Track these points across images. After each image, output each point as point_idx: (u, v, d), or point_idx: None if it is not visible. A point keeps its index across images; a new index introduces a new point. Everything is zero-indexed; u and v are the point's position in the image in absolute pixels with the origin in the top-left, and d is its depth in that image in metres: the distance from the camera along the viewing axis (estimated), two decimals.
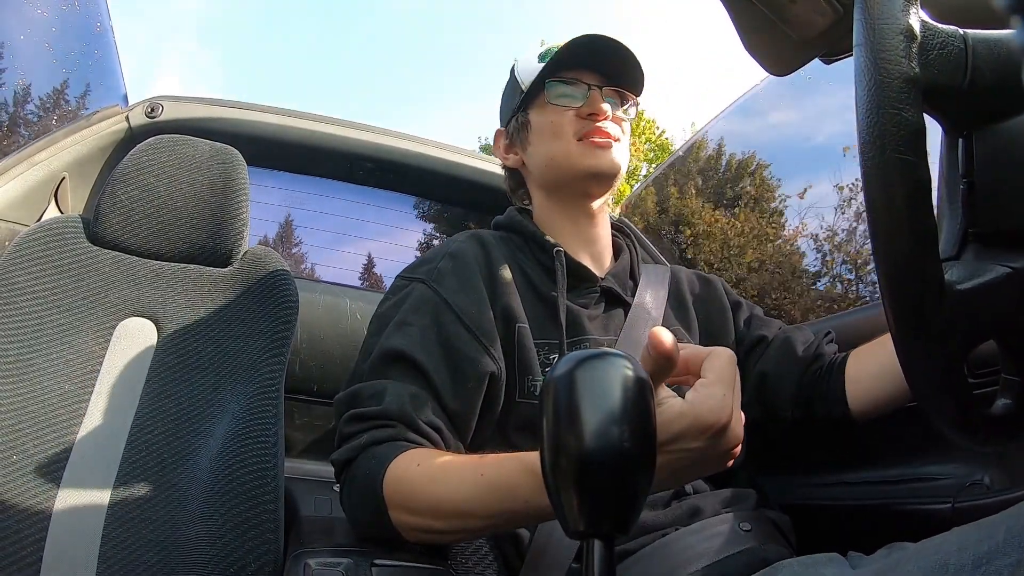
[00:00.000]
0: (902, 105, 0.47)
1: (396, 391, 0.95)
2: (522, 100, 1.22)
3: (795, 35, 1.00)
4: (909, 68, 0.47)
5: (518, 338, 1.05)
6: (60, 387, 1.11)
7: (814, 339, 1.21)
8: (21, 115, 1.78)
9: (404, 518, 0.86)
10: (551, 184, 1.21)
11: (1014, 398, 0.58)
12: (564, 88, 1.18)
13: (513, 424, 1.03)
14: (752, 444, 1.18)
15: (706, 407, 0.66)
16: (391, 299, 1.09)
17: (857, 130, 0.49)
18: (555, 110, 1.18)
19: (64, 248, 1.20)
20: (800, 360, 1.17)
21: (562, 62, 1.17)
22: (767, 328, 1.25)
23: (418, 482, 0.84)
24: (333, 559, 0.79)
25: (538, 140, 1.20)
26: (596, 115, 1.15)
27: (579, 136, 1.15)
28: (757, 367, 1.21)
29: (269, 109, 1.98)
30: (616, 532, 0.47)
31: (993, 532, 0.47)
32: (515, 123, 1.25)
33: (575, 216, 1.20)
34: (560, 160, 1.17)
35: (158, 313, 1.21)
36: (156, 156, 1.27)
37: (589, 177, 1.16)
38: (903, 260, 0.49)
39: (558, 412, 0.47)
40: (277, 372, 1.16)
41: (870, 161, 0.48)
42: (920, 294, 0.49)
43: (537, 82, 1.19)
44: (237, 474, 1.04)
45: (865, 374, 1.10)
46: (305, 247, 2.19)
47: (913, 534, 0.64)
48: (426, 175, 2.10)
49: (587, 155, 1.15)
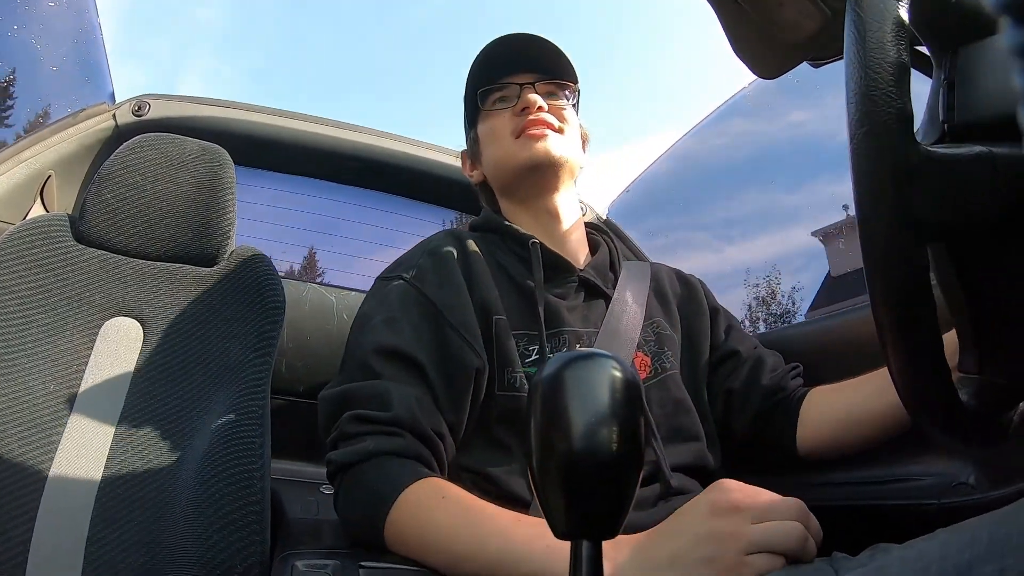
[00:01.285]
0: (891, 89, 0.48)
1: (401, 395, 0.95)
2: (469, 118, 1.26)
3: (783, 38, 1.00)
4: (898, 54, 0.48)
5: (496, 331, 1.05)
6: (45, 387, 1.10)
7: (781, 369, 1.24)
8: (7, 112, 1.76)
9: (401, 542, 0.86)
10: (506, 187, 1.23)
11: (971, 395, 0.59)
12: (496, 93, 1.22)
13: (495, 417, 1.03)
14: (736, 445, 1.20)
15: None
16: (373, 299, 1.09)
17: (847, 116, 0.49)
18: (492, 115, 1.21)
19: (49, 247, 1.19)
20: (763, 388, 1.20)
21: (489, 69, 1.21)
22: (742, 344, 1.27)
23: (434, 522, 0.84)
24: (320, 560, 0.79)
25: (485, 149, 1.24)
26: (528, 108, 1.17)
27: (516, 133, 1.17)
28: (726, 383, 1.23)
29: (256, 108, 1.97)
30: (604, 533, 0.47)
31: (976, 539, 0.47)
32: (469, 141, 1.29)
33: (538, 215, 1.21)
34: (503, 160, 1.19)
35: (144, 313, 1.20)
36: (143, 154, 1.26)
37: (530, 170, 1.17)
38: (884, 239, 0.49)
39: (546, 413, 0.47)
40: (263, 372, 1.15)
41: (858, 142, 0.49)
42: (904, 273, 0.50)
43: (471, 96, 1.23)
44: (223, 474, 1.03)
45: (818, 418, 1.14)
46: (292, 246, 2.18)
47: (899, 534, 0.64)
48: (412, 175, 2.10)
49: (524, 148, 1.16)
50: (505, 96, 1.21)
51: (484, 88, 1.21)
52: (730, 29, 1.05)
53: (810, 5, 0.93)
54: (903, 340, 0.51)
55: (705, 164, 2.67)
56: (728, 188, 2.83)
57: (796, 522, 0.72)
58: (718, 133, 2.55)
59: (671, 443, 1.08)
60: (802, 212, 2.51)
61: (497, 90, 1.21)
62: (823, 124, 2.26)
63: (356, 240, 2.18)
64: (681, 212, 2.83)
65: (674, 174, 2.65)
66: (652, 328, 1.18)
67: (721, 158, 2.65)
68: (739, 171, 2.72)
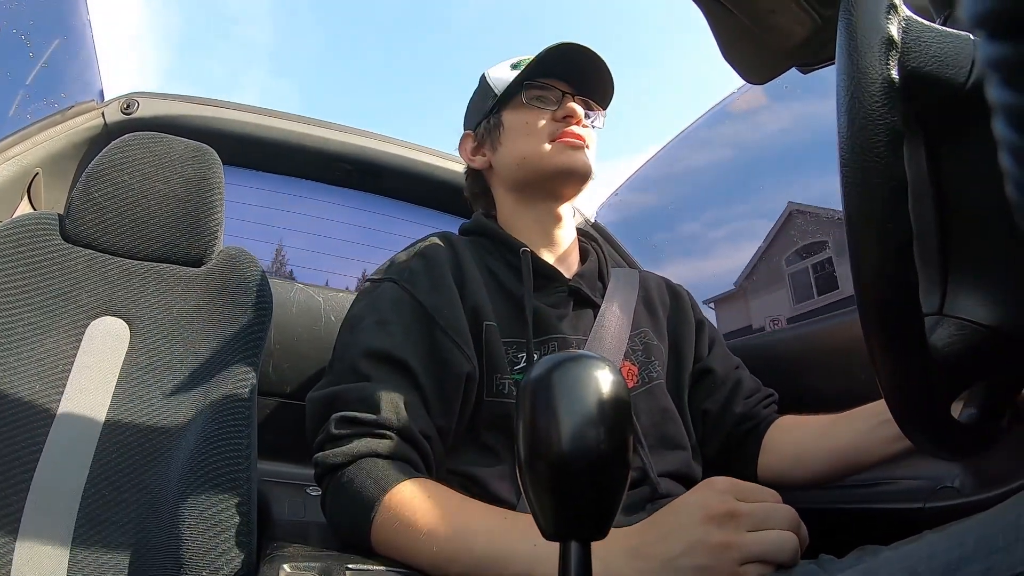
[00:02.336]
0: (882, 111, 0.48)
1: (390, 397, 0.95)
2: (495, 103, 1.24)
3: (774, 44, 1.00)
4: (888, 74, 0.48)
5: (486, 336, 1.05)
6: (31, 386, 1.09)
7: (756, 395, 1.26)
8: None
9: (388, 543, 0.86)
10: (521, 183, 1.22)
11: (979, 408, 0.59)
12: (539, 92, 1.21)
13: (483, 423, 1.03)
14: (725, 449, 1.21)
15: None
16: (363, 300, 1.09)
17: (838, 137, 0.49)
18: (530, 110, 1.20)
19: (36, 245, 1.18)
20: (736, 415, 1.23)
21: (537, 69, 1.20)
22: (723, 363, 1.29)
23: (420, 522, 0.84)
24: (307, 563, 0.78)
25: (510, 139, 1.22)
26: (570, 117, 1.18)
27: (552, 137, 1.17)
28: (704, 403, 1.25)
29: (246, 108, 1.97)
30: (593, 534, 0.47)
31: (963, 540, 0.47)
32: (486, 124, 1.27)
33: (541, 218, 1.21)
34: (533, 158, 1.18)
35: (130, 313, 1.20)
36: (131, 153, 1.26)
37: (562, 175, 1.18)
38: (878, 271, 0.49)
39: (535, 414, 0.47)
40: (250, 373, 1.15)
41: (848, 167, 0.49)
42: (897, 309, 0.50)
43: (513, 86, 1.21)
44: (209, 476, 1.03)
45: (779, 452, 1.18)
46: (280, 247, 2.18)
47: (885, 536, 0.64)
48: (403, 177, 2.10)
49: (561, 153, 1.17)
50: (544, 97, 1.21)
51: (531, 81, 1.21)
52: (720, 35, 1.05)
53: (800, 12, 0.94)
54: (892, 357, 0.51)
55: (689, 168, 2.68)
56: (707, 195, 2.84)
57: (790, 532, 0.73)
58: (704, 139, 2.56)
59: (658, 451, 1.09)
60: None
61: (540, 88, 1.21)
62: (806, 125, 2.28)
63: (344, 241, 2.18)
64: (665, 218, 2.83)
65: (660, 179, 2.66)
66: (639, 338, 1.19)
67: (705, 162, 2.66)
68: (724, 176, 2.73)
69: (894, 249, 0.49)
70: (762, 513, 0.73)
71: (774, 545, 0.71)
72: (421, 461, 0.95)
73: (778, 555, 0.71)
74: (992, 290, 0.55)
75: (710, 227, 2.67)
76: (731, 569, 0.70)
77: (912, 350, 0.51)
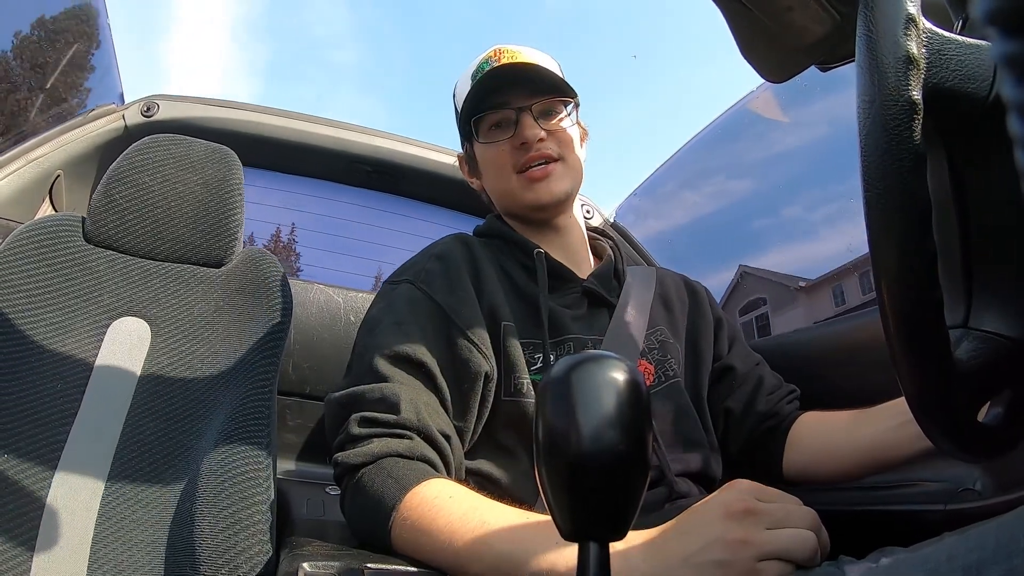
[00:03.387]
0: (905, 135, 0.47)
1: (409, 398, 0.95)
2: (464, 131, 1.22)
3: (792, 42, 1.00)
4: (910, 95, 0.47)
5: (504, 336, 1.05)
6: (53, 386, 1.10)
7: (778, 392, 1.24)
8: (17, 111, 1.77)
9: (407, 542, 0.86)
10: (507, 212, 1.23)
11: (1004, 408, 0.58)
12: (492, 117, 1.17)
13: (501, 423, 1.03)
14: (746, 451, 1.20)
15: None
16: (381, 302, 1.09)
17: (860, 160, 0.49)
18: (490, 145, 1.18)
19: (59, 246, 1.20)
20: (759, 412, 1.21)
21: (483, 97, 1.16)
22: (744, 361, 1.27)
23: (440, 522, 0.83)
24: (327, 561, 0.78)
25: (485, 175, 1.23)
26: (526, 143, 1.13)
27: (518, 168, 1.15)
28: (725, 402, 1.24)
29: (265, 110, 1.98)
30: (611, 535, 0.47)
31: (982, 542, 0.47)
32: (467, 151, 1.26)
33: (543, 233, 1.21)
34: (506, 195, 1.19)
35: (152, 313, 1.21)
36: (151, 155, 1.27)
37: (533, 210, 1.17)
38: (902, 291, 0.49)
39: (553, 414, 0.47)
40: (270, 373, 1.15)
41: (872, 191, 0.48)
42: (922, 325, 0.49)
43: (465, 121, 1.19)
44: (229, 475, 1.03)
45: (805, 448, 1.16)
46: (300, 248, 2.19)
47: (905, 538, 0.64)
48: (422, 177, 2.10)
49: (527, 190, 1.15)
50: (501, 122, 1.16)
51: (478, 116, 1.17)
52: (739, 33, 1.05)
53: (819, 10, 0.93)
54: (914, 358, 0.51)
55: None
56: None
57: (810, 531, 0.72)
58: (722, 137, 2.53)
59: (675, 450, 1.08)
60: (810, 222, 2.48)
61: (493, 113, 1.16)
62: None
63: (364, 242, 2.19)
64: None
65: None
66: (656, 336, 1.18)
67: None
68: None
69: (918, 270, 0.48)
70: (782, 512, 0.73)
71: (793, 543, 0.71)
72: (440, 461, 0.95)
73: (796, 553, 0.70)
74: (1016, 303, 0.54)
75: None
76: (749, 565, 0.69)
77: (937, 363, 0.50)
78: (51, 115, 1.81)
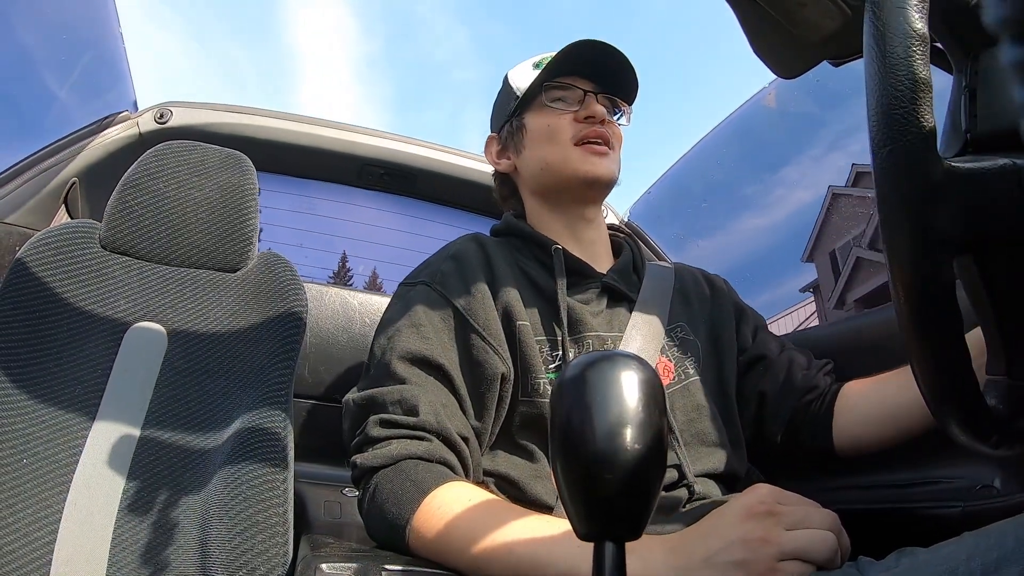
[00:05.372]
0: (913, 107, 0.47)
1: (427, 400, 0.95)
2: (517, 105, 1.22)
3: (804, 38, 0.99)
4: (920, 71, 0.48)
5: (520, 336, 1.04)
6: (70, 391, 1.11)
7: (812, 366, 1.22)
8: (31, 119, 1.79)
9: (425, 545, 0.85)
10: (546, 188, 1.21)
11: (999, 398, 0.58)
12: (560, 92, 1.19)
13: (518, 423, 1.03)
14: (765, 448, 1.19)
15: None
16: (397, 304, 1.09)
17: (869, 134, 0.49)
18: (552, 113, 1.18)
19: (75, 253, 1.21)
20: (797, 389, 1.18)
21: (558, 68, 1.18)
22: (770, 346, 1.25)
23: (459, 524, 0.83)
24: (344, 563, 0.79)
25: (533, 144, 1.21)
26: (592, 118, 1.16)
27: (576, 140, 1.16)
28: (759, 387, 1.21)
29: (278, 114, 1.99)
30: (627, 535, 0.47)
31: (1002, 540, 0.47)
32: (509, 127, 1.25)
33: (570, 220, 1.20)
34: (557, 164, 1.17)
35: (168, 318, 1.22)
36: (166, 161, 1.28)
37: (586, 183, 1.16)
38: (910, 257, 0.49)
39: (569, 414, 0.47)
40: (286, 376, 1.16)
41: (881, 161, 0.48)
42: (929, 289, 0.49)
43: (534, 86, 1.20)
44: (247, 477, 1.04)
45: (853, 414, 1.12)
46: (314, 252, 2.20)
47: (924, 537, 0.63)
48: (436, 179, 2.11)
49: (584, 161, 1.15)
50: (566, 97, 1.19)
51: (551, 82, 1.19)
52: (750, 28, 1.04)
53: (831, 5, 0.93)
54: (929, 348, 0.51)
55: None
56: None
57: (830, 532, 0.72)
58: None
59: (694, 449, 1.07)
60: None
61: (561, 88, 1.19)
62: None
63: (378, 245, 2.20)
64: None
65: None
66: (676, 332, 1.17)
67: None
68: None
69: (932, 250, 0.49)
70: (801, 513, 0.73)
71: (812, 543, 0.71)
72: (459, 463, 0.95)
73: (816, 553, 0.70)
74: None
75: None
76: (769, 564, 0.69)
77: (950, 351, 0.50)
78: (65, 123, 1.82)
